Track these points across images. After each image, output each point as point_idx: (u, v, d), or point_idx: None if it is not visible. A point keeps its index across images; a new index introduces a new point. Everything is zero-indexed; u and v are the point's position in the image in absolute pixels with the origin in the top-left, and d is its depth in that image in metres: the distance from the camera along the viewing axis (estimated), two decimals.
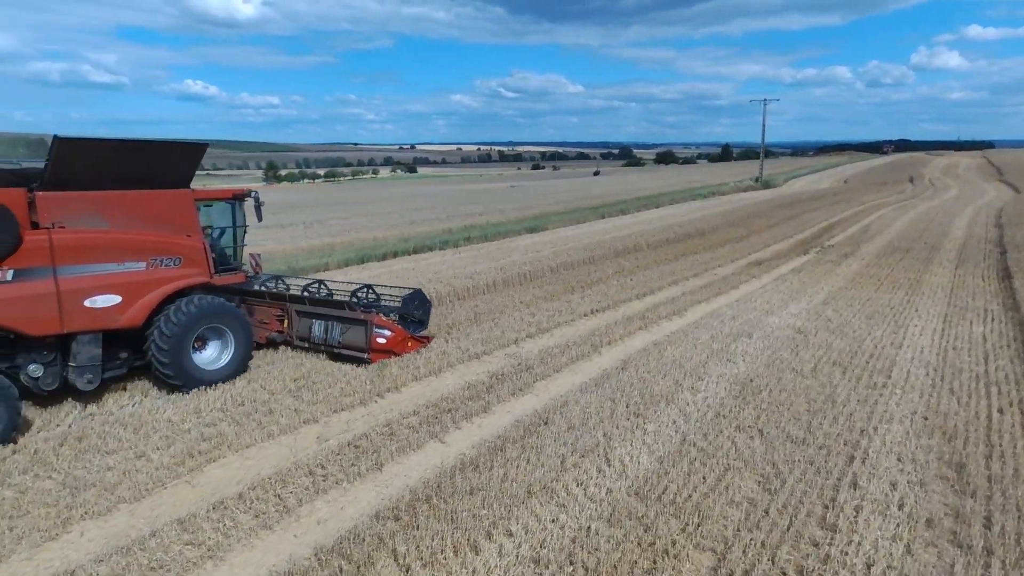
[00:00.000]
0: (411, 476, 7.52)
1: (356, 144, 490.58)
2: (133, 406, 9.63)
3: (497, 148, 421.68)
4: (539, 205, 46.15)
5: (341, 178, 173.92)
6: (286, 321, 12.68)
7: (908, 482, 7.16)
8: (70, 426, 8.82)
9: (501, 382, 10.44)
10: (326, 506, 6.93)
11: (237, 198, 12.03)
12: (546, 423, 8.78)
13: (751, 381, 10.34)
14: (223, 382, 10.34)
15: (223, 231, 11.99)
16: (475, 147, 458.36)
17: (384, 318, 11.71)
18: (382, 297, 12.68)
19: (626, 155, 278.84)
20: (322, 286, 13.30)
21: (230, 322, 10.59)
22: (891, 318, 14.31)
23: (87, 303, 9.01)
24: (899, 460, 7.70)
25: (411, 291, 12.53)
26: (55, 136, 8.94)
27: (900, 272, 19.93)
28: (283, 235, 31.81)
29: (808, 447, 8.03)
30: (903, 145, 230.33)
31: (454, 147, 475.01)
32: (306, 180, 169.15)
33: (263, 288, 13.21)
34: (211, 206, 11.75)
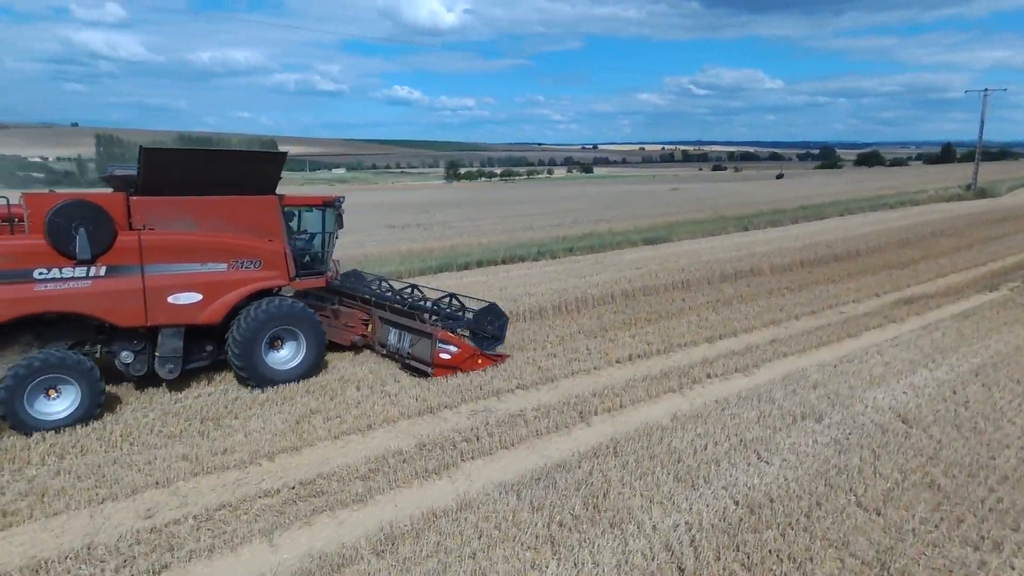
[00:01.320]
0: None
1: (540, 144, 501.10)
2: (27, 436, 8.75)
3: (682, 148, 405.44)
4: (681, 212, 41.78)
5: (516, 177, 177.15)
6: (370, 326, 12.41)
7: None
8: None
9: (425, 455, 8.09)
10: None
11: (327, 205, 11.96)
12: (417, 536, 6.32)
13: (770, 503, 6.89)
14: (295, 381, 10.57)
15: (312, 236, 12.04)
16: (659, 147, 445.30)
17: (451, 333, 10.97)
18: (456, 308, 12.00)
19: (826, 155, 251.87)
20: (415, 291, 12.98)
21: (302, 325, 10.72)
22: None
23: (170, 299, 9.64)
24: None
25: (487, 304, 11.79)
26: (141, 146, 9.71)
27: None
28: (394, 236, 31.64)
29: None
30: None
31: (637, 147, 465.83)
32: (483, 179, 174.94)
33: (349, 290, 13.41)
34: (310, 211, 11.99)
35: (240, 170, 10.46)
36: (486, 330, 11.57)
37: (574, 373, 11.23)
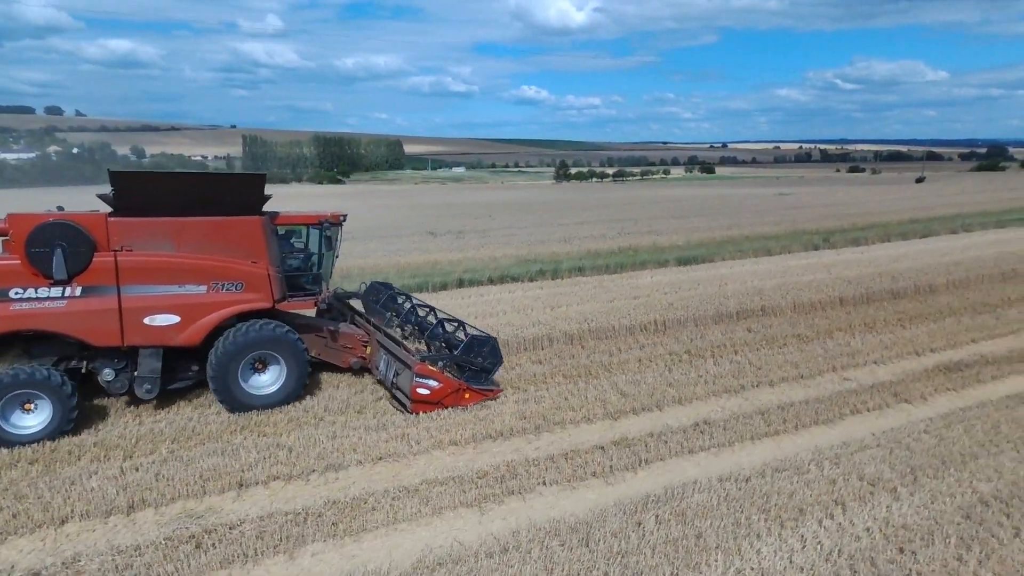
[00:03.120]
0: None
1: (665, 143, 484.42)
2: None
3: (821, 147, 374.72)
4: (756, 223, 36.66)
5: (628, 178, 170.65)
6: (369, 348, 11.76)
7: None
8: None
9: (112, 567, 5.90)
10: None
11: (322, 224, 11.32)
12: None
13: None
14: (273, 407, 10.18)
15: (309, 256, 11.53)
16: (796, 146, 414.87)
17: (431, 367, 10.08)
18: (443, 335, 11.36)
19: (994, 155, 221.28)
20: (431, 312, 12.42)
21: (282, 349, 10.36)
22: None
23: (147, 320, 9.55)
24: None
25: (480, 335, 10.80)
26: (109, 169, 9.87)
27: None
28: (411, 245, 29.92)
29: None
30: None
31: (771, 145, 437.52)
32: (594, 179, 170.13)
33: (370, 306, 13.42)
34: (307, 230, 11.45)
35: (215, 192, 10.28)
36: (475, 362, 10.58)
37: (377, 459, 8.54)
